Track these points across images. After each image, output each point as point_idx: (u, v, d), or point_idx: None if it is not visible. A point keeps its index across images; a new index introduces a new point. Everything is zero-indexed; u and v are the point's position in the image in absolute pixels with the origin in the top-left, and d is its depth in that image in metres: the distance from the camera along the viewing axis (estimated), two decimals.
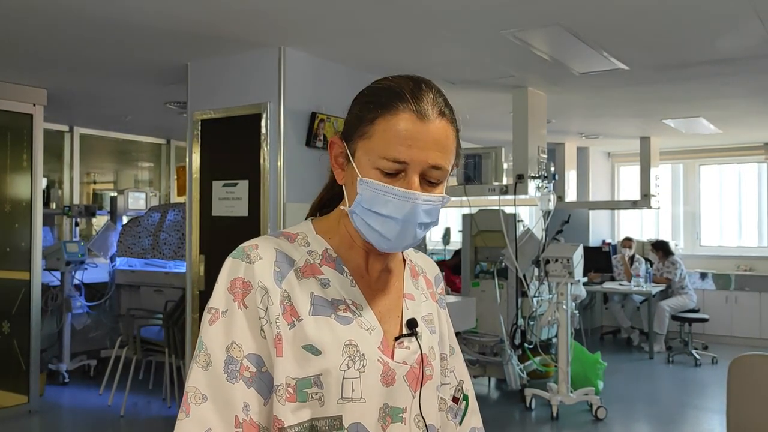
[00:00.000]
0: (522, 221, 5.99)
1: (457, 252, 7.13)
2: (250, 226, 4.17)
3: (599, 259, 8.27)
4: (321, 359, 1.01)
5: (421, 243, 5.60)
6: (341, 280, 1.09)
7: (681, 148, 8.85)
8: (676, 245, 8.74)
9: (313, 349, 1.02)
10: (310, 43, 4.07)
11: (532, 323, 5.75)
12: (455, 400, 1.25)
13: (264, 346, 1.02)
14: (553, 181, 5.51)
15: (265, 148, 4.13)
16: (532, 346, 5.69)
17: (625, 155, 9.45)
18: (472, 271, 6.27)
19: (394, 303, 1.14)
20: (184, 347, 4.76)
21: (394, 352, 1.08)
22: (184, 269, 5.10)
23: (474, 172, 5.65)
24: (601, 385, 5.59)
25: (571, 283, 5.24)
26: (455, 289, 6.39)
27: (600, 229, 9.16)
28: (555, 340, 5.71)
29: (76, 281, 6.12)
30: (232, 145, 4.36)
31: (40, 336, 5.25)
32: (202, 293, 4.44)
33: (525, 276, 5.62)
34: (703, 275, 8.44)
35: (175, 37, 3.93)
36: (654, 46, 4.15)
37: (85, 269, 6.18)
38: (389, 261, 1.17)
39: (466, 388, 1.28)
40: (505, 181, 5.71)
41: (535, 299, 5.73)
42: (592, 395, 5.19)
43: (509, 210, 5.70)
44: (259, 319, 1.02)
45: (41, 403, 5.25)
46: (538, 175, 5.37)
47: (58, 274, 6.00)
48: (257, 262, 1.05)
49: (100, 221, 7.17)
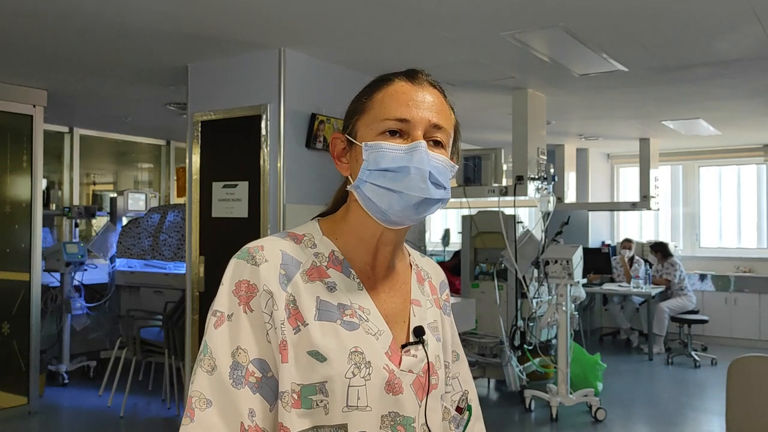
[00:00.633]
0: (521, 222, 5.99)
1: (457, 253, 7.14)
2: (250, 227, 4.17)
3: (599, 261, 8.27)
4: (326, 366, 1.00)
5: (420, 244, 5.55)
6: (348, 283, 1.08)
7: (680, 150, 8.86)
8: (676, 246, 8.74)
9: (318, 356, 1.00)
10: (310, 44, 4.07)
11: (531, 324, 5.75)
12: (459, 409, 1.24)
13: (269, 351, 1.00)
14: (552, 182, 5.52)
15: (265, 150, 4.14)
16: (531, 348, 5.70)
17: (624, 156, 9.46)
18: (471, 273, 6.28)
19: (401, 308, 1.13)
20: (183, 348, 4.76)
21: (401, 359, 1.07)
22: (183, 270, 5.11)
23: (473, 173, 5.65)
24: (600, 386, 5.60)
25: (571, 285, 5.24)
26: (455, 290, 6.39)
27: (599, 230, 9.16)
28: (554, 342, 5.71)
29: (75, 282, 6.11)
30: (232, 147, 4.36)
31: (39, 337, 5.25)
32: (202, 294, 4.44)
33: (524, 277, 5.62)
34: (703, 277, 8.44)
35: (175, 38, 3.93)
36: (653, 48, 4.16)
37: (85, 270, 6.18)
38: (397, 260, 1.15)
39: (470, 398, 1.27)
40: (504, 183, 5.72)
41: (534, 300, 5.73)
42: (591, 396, 5.19)
43: (509, 211, 5.70)
44: (264, 323, 1.01)
45: (41, 404, 5.25)
46: (537, 176, 5.38)
47: (57, 275, 6.00)
48: (262, 265, 1.03)
49: (99, 222, 7.17)
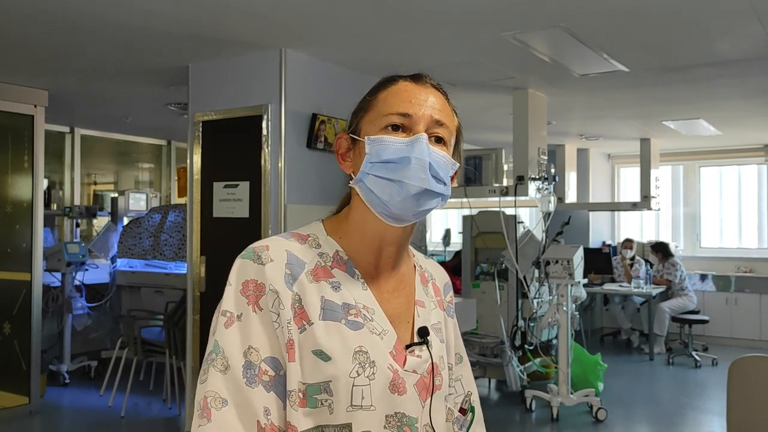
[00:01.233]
0: (522, 222, 5.99)
1: (458, 253, 7.14)
2: (251, 227, 4.17)
3: (599, 261, 8.27)
4: (330, 365, 1.01)
5: (421, 244, 5.55)
6: (352, 283, 1.08)
7: (681, 150, 8.86)
8: (676, 247, 8.74)
9: (322, 355, 1.01)
10: (311, 44, 4.08)
11: (532, 325, 5.76)
12: (462, 411, 1.24)
13: (280, 349, 1.01)
14: (553, 182, 5.51)
15: (266, 150, 4.14)
16: (532, 348, 5.70)
17: (625, 157, 9.45)
18: (472, 273, 6.28)
19: (405, 308, 1.13)
20: (184, 348, 4.76)
21: (405, 359, 1.07)
22: (184, 270, 5.11)
23: (474, 173, 5.66)
24: (601, 386, 5.59)
25: (572, 285, 5.24)
26: (455, 290, 6.38)
27: (600, 230, 9.16)
28: (555, 342, 5.71)
29: (76, 282, 6.12)
30: (233, 147, 4.37)
31: (40, 337, 5.25)
32: (203, 294, 4.44)
33: (525, 277, 5.62)
34: (703, 277, 8.44)
35: (176, 38, 3.94)
36: (654, 48, 4.16)
37: (86, 270, 6.18)
38: (401, 261, 1.15)
39: (473, 399, 1.28)
40: (505, 183, 5.72)
41: (535, 300, 5.73)
42: (592, 397, 5.19)
43: (509, 211, 5.70)
44: (273, 322, 1.01)
45: (42, 403, 5.26)
46: (538, 176, 5.38)
47: (58, 275, 6.01)
48: (268, 265, 1.03)
49: (100, 222, 7.17)
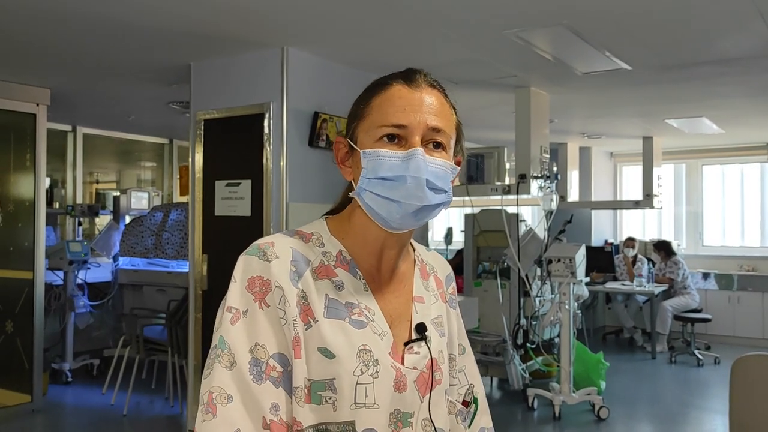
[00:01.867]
0: (524, 221, 5.98)
1: (460, 252, 7.13)
2: (252, 225, 4.17)
3: (602, 259, 8.27)
4: (335, 363, 1.01)
5: (423, 242, 5.61)
6: (355, 283, 1.08)
7: (684, 148, 8.84)
8: (679, 245, 8.73)
9: (327, 353, 1.01)
10: (313, 43, 4.07)
11: (534, 323, 5.75)
12: (465, 403, 1.24)
13: (287, 345, 1.01)
14: (555, 180, 5.51)
15: (268, 148, 4.14)
16: (534, 346, 5.69)
17: (627, 155, 9.44)
18: (474, 271, 6.27)
19: (404, 307, 1.13)
20: (187, 346, 4.76)
21: (404, 357, 1.08)
22: (186, 269, 5.11)
23: (476, 171, 5.65)
24: (603, 385, 5.59)
25: (574, 283, 5.23)
26: (457, 289, 6.38)
27: (602, 228, 9.15)
28: (557, 340, 5.71)
29: (79, 281, 6.12)
30: (235, 145, 4.37)
31: (43, 335, 5.26)
32: (205, 293, 4.44)
33: (527, 276, 5.61)
34: (706, 275, 8.43)
35: (178, 37, 3.94)
36: (657, 46, 4.15)
37: (88, 269, 6.19)
38: (402, 261, 1.15)
39: (476, 391, 1.27)
40: (507, 181, 5.71)
41: (537, 299, 5.73)
42: (594, 395, 5.19)
43: (512, 210, 5.70)
44: (280, 318, 1.01)
45: (44, 402, 5.26)
46: (540, 174, 5.37)
47: (61, 274, 6.02)
48: (274, 261, 1.03)
49: (103, 221, 7.18)
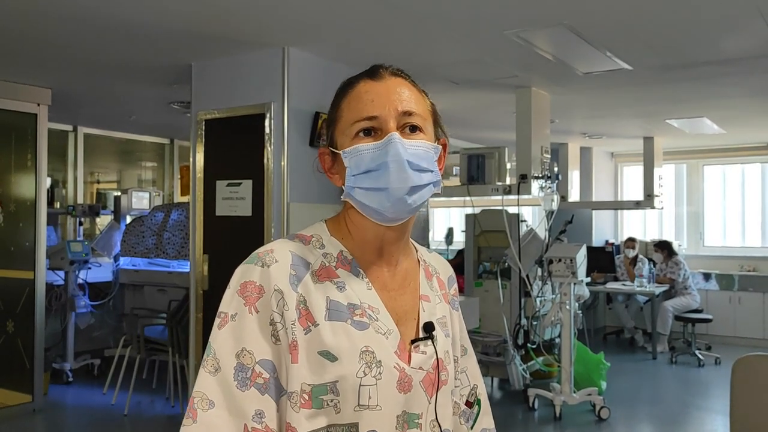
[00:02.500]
0: (525, 221, 5.98)
1: (460, 252, 7.13)
2: (253, 225, 4.17)
3: (602, 259, 8.26)
4: (337, 366, 1.00)
5: (424, 243, 5.58)
6: (357, 283, 1.08)
7: (684, 148, 8.84)
8: (680, 245, 8.72)
9: (329, 356, 1.00)
10: (314, 43, 4.08)
11: (535, 323, 5.75)
12: (468, 404, 1.24)
13: (276, 352, 1.00)
14: (556, 181, 5.50)
15: (269, 148, 4.14)
16: (535, 346, 5.69)
17: (628, 155, 9.44)
18: (475, 271, 6.27)
19: (410, 305, 1.13)
20: (187, 347, 4.77)
21: (410, 356, 1.07)
22: (187, 269, 5.12)
23: (477, 172, 5.65)
24: (604, 385, 5.59)
25: (575, 283, 5.24)
26: (458, 289, 6.38)
27: (603, 229, 9.15)
28: (558, 340, 5.71)
29: (80, 280, 6.13)
30: (236, 145, 4.37)
31: (44, 335, 5.27)
32: (206, 293, 4.44)
33: (528, 276, 5.62)
34: (707, 275, 8.42)
35: (179, 37, 3.94)
36: (658, 47, 4.15)
37: (89, 269, 6.19)
38: (404, 257, 1.15)
39: (479, 392, 1.27)
40: (508, 181, 5.71)
41: (538, 299, 5.73)
42: (595, 395, 5.19)
43: (512, 210, 5.70)
44: (273, 323, 1.00)
45: (45, 402, 5.27)
46: (541, 175, 5.37)
47: (62, 274, 6.02)
48: (273, 266, 1.03)
49: (103, 221, 7.18)
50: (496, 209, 5.93)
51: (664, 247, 8.10)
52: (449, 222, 10.15)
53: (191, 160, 4.58)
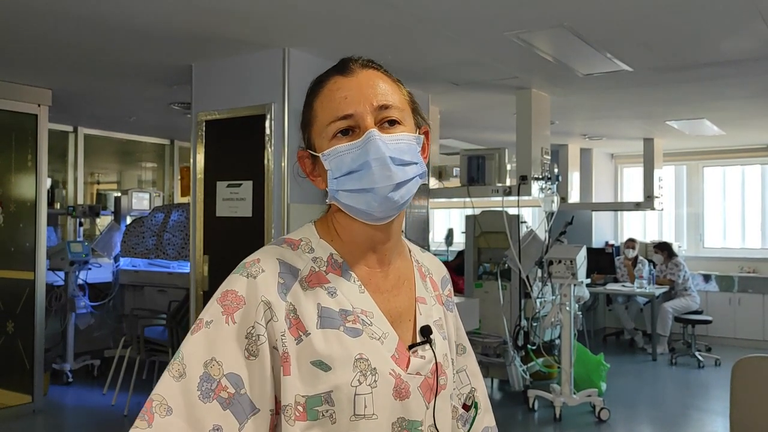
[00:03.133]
0: (525, 222, 5.98)
1: (460, 253, 7.13)
2: (254, 226, 4.17)
3: (602, 261, 8.26)
4: (331, 375, 0.97)
5: (424, 244, 5.56)
6: (349, 287, 1.04)
7: (684, 150, 8.84)
8: (680, 247, 8.73)
9: (322, 365, 0.97)
10: (314, 44, 4.08)
11: (535, 324, 5.75)
12: (466, 407, 1.21)
13: (250, 367, 0.95)
14: (556, 182, 5.51)
15: (269, 149, 4.14)
16: (535, 348, 5.69)
17: (628, 157, 9.44)
18: (475, 273, 6.27)
19: (405, 306, 1.10)
20: None
21: (409, 361, 1.04)
22: (187, 269, 5.12)
23: (477, 173, 5.65)
24: (604, 386, 5.59)
25: (575, 285, 5.24)
26: (458, 290, 6.38)
27: (603, 230, 9.15)
28: (558, 342, 5.71)
29: (80, 281, 6.13)
30: (236, 146, 4.37)
31: (44, 335, 5.26)
32: (206, 293, 4.44)
33: (528, 277, 5.62)
34: (707, 277, 8.43)
35: (180, 38, 3.94)
36: (658, 48, 4.15)
37: (89, 269, 6.19)
38: (397, 256, 1.12)
39: (478, 394, 1.25)
40: (508, 183, 5.71)
41: (538, 300, 5.73)
42: (595, 397, 5.19)
43: (512, 211, 5.70)
44: (250, 337, 0.95)
45: (45, 402, 5.27)
46: (541, 176, 5.37)
47: (62, 274, 6.02)
48: (260, 276, 0.99)
49: (104, 221, 7.18)
50: (496, 210, 5.93)
51: (664, 249, 8.11)
52: (449, 223, 10.16)
53: (191, 161, 4.58)
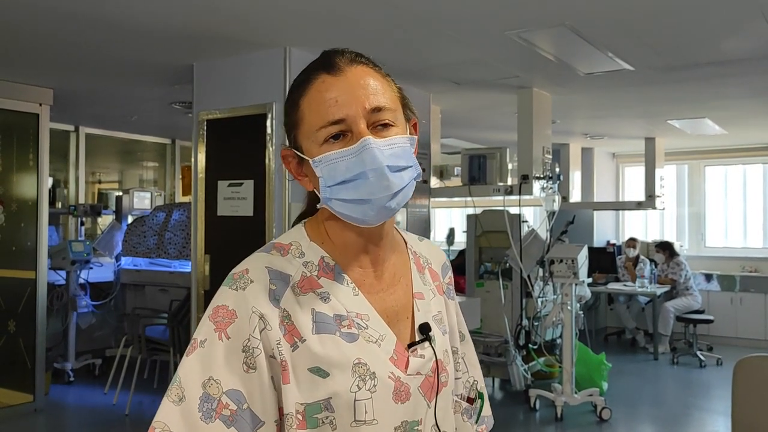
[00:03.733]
0: (527, 222, 5.98)
1: (462, 252, 7.13)
2: (255, 226, 4.17)
3: (604, 260, 8.26)
4: (329, 381, 0.95)
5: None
6: (342, 290, 1.01)
7: (686, 149, 8.83)
8: (681, 246, 8.72)
9: (320, 372, 0.95)
10: (315, 43, 4.07)
11: (536, 324, 5.75)
12: (470, 400, 1.19)
13: (249, 381, 0.93)
14: (557, 181, 5.50)
15: (271, 148, 4.14)
16: (536, 347, 5.69)
17: (629, 156, 9.43)
18: (476, 272, 6.27)
19: (402, 302, 1.06)
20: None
21: (408, 362, 1.01)
22: (189, 269, 5.12)
23: (479, 172, 5.65)
24: (605, 386, 5.58)
25: (576, 284, 5.23)
26: (459, 289, 6.38)
27: (604, 229, 9.14)
28: (559, 341, 5.70)
29: (81, 280, 6.13)
30: (238, 145, 4.37)
31: (45, 335, 5.27)
32: (207, 293, 4.44)
33: (529, 276, 5.61)
34: (708, 276, 8.42)
35: (181, 37, 3.94)
36: (659, 47, 4.15)
37: (91, 268, 6.20)
38: (391, 251, 1.09)
39: (480, 386, 1.23)
40: (509, 182, 5.71)
41: (539, 300, 5.73)
42: (596, 396, 5.19)
43: (514, 210, 5.70)
44: (246, 350, 0.93)
45: (46, 401, 5.27)
46: (542, 175, 5.37)
47: (63, 274, 6.02)
48: (249, 287, 0.96)
49: (105, 221, 7.19)
50: (497, 210, 5.93)
51: (666, 248, 8.10)
52: (450, 222, 10.15)
53: (193, 160, 4.58)
